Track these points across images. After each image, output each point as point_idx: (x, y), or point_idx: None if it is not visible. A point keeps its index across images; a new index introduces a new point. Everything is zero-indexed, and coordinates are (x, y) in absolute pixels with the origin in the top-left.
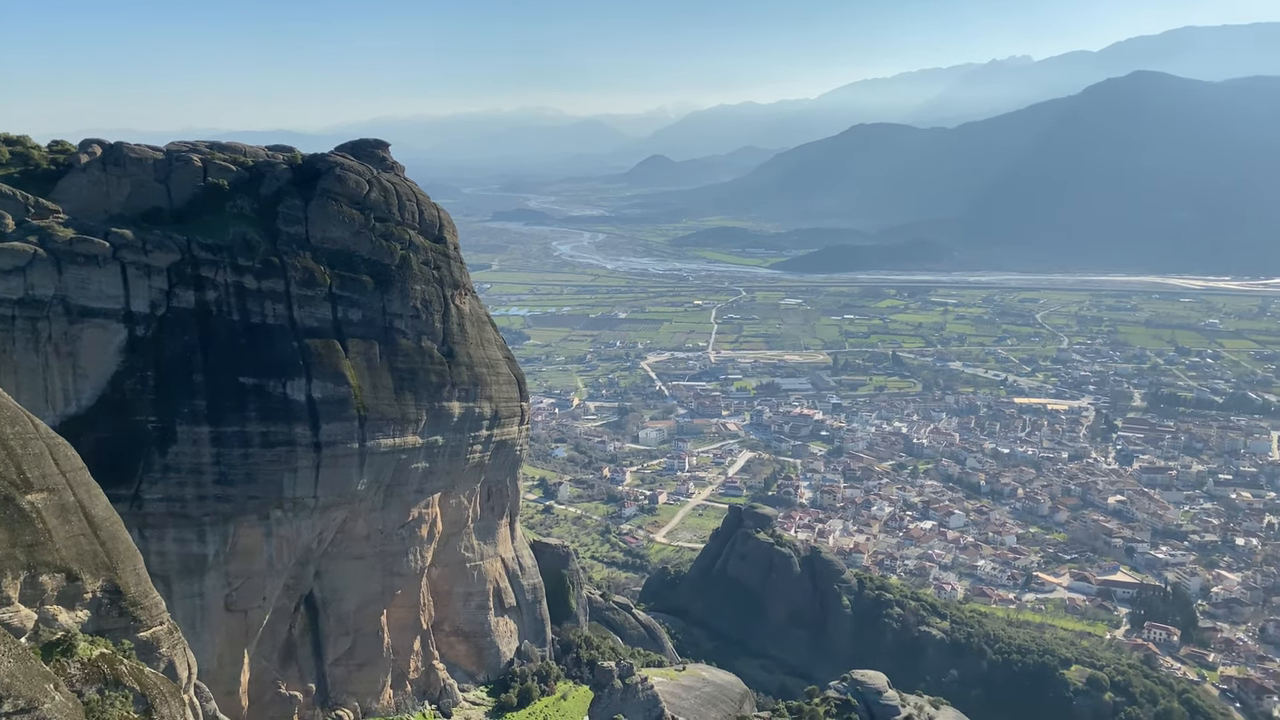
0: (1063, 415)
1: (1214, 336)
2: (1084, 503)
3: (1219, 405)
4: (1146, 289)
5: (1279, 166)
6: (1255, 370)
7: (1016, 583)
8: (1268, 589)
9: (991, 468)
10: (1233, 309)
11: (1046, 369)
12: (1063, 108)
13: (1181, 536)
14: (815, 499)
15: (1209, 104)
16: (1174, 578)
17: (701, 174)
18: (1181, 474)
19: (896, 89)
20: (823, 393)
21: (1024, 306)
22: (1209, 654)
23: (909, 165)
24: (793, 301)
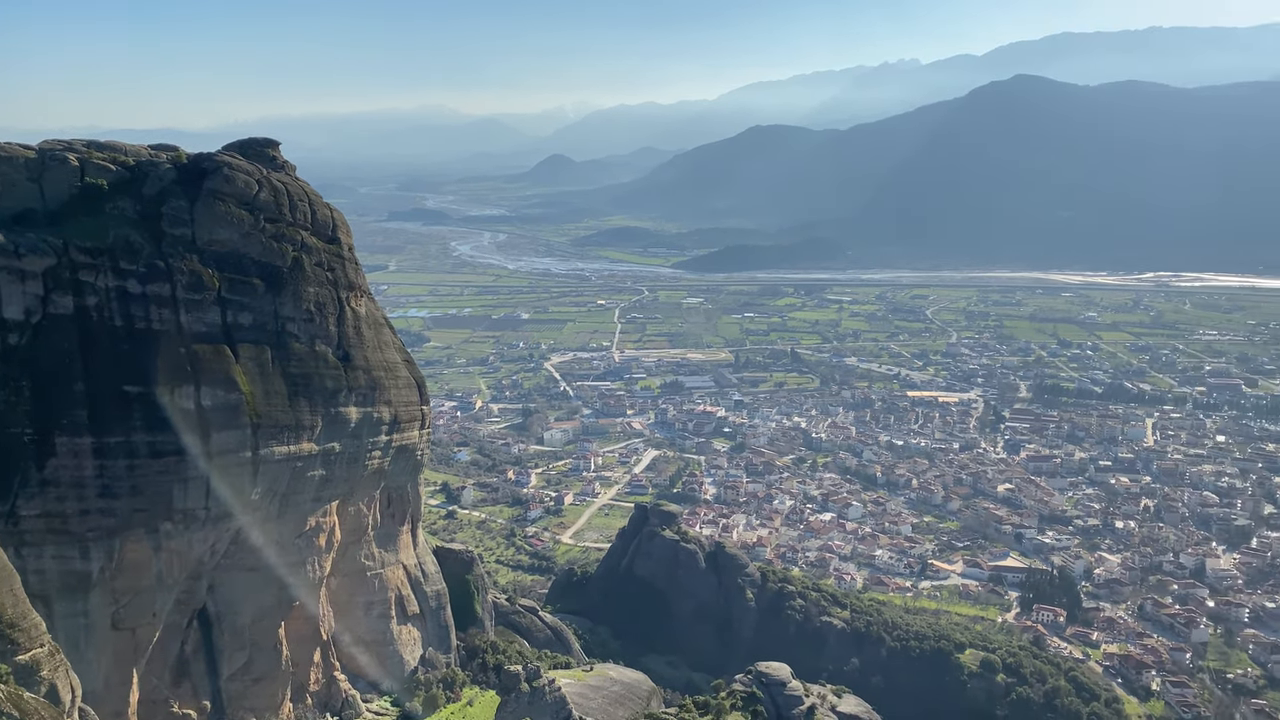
0: (953, 407)
1: (1093, 329)
2: (975, 491)
3: (1098, 395)
4: (1030, 284)
5: (1150, 167)
6: (1131, 361)
7: (913, 571)
8: (1145, 569)
9: (887, 460)
10: (1109, 303)
11: (937, 363)
12: (950, 109)
13: (1066, 521)
14: (719, 495)
15: (1085, 107)
16: (1060, 561)
17: (602, 174)
18: (1065, 462)
19: (792, 91)
20: (725, 390)
21: (915, 303)
22: (1093, 633)
23: (804, 166)
24: (695, 300)
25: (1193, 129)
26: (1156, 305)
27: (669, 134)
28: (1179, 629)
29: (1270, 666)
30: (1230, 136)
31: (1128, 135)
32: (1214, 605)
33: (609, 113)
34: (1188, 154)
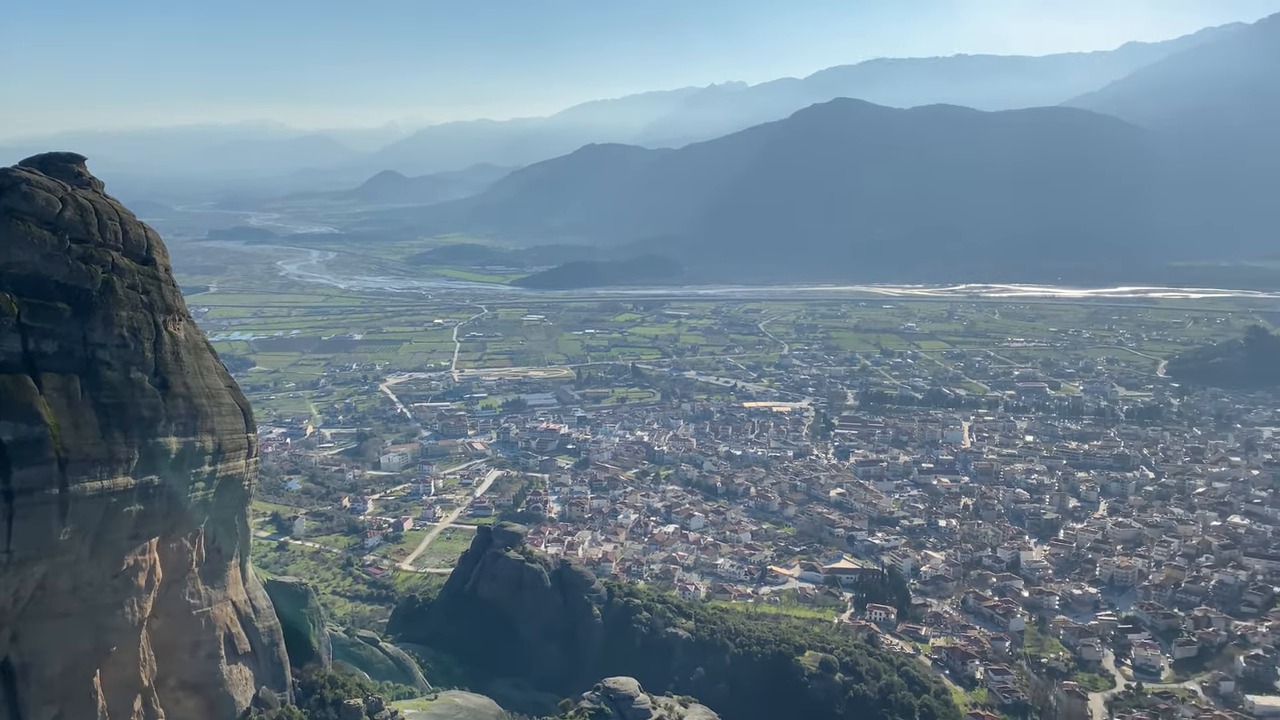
0: (787, 417)
1: (912, 339)
2: (809, 497)
3: (919, 401)
4: (854, 298)
5: (961, 185)
6: (948, 368)
7: (753, 577)
8: (966, 564)
9: (726, 470)
10: (927, 314)
11: (771, 374)
12: (776, 130)
13: (894, 522)
14: (564, 512)
15: (901, 128)
16: (889, 561)
17: (437, 190)
18: (891, 465)
19: (626, 110)
20: (568, 406)
21: (749, 317)
22: (921, 628)
23: (640, 184)
24: (535, 318)
25: (997, 149)
26: (969, 315)
27: (504, 151)
28: (998, 619)
29: (1079, 649)
30: (1029, 156)
31: (939, 155)
32: (1028, 595)
33: (442, 129)
34: (993, 173)
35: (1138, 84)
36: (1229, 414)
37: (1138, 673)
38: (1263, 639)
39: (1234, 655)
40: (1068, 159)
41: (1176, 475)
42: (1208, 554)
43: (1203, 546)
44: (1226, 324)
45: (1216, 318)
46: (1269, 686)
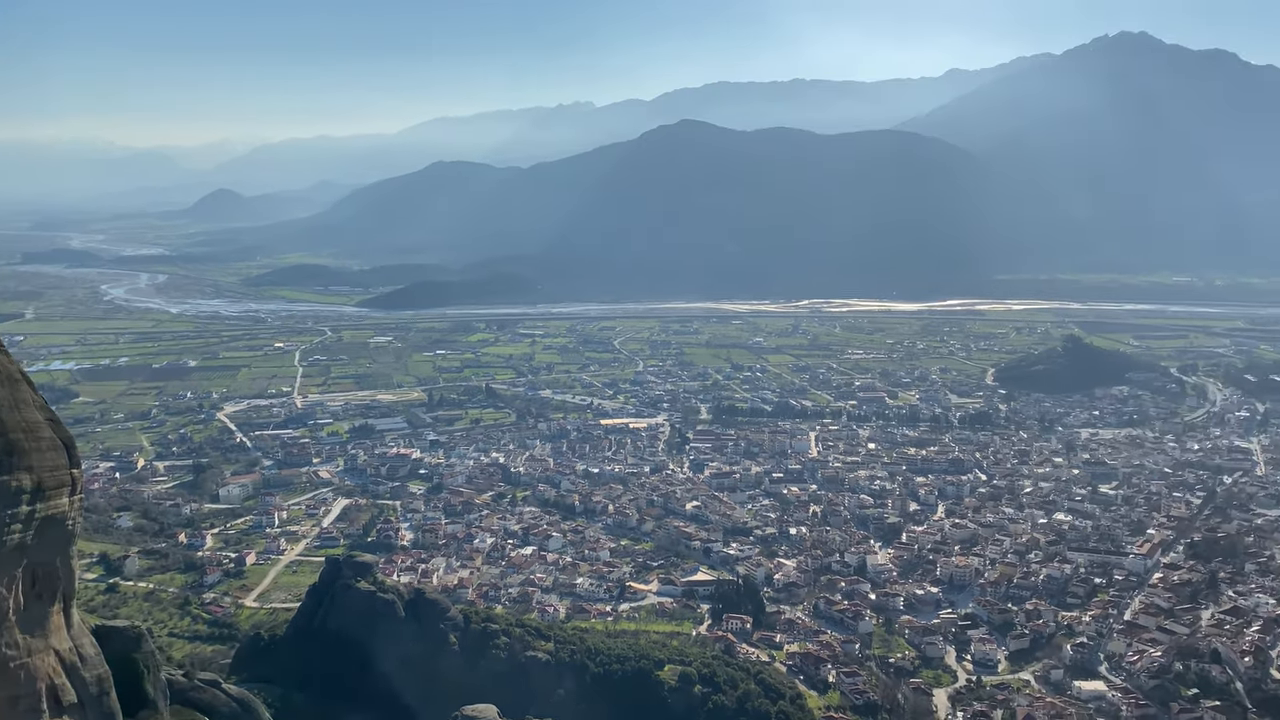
0: (643, 432)
1: (761, 353)
2: (666, 511)
3: (769, 413)
4: (705, 314)
5: (801, 205)
6: (794, 380)
7: (612, 595)
8: (817, 570)
9: (584, 488)
10: (774, 328)
11: (626, 390)
12: (624, 151)
13: (747, 532)
14: (417, 539)
15: (744, 149)
16: (744, 570)
17: (276, 209)
18: (744, 476)
19: (474, 128)
20: (419, 430)
21: (603, 334)
22: (776, 635)
23: (490, 202)
24: (383, 339)
25: (835, 170)
26: (813, 329)
27: (347, 168)
28: (848, 623)
29: (924, 647)
30: (865, 176)
31: (782, 176)
32: (875, 598)
33: (280, 146)
34: (832, 193)
35: (961, 108)
36: (1051, 417)
37: (977, 666)
38: (1086, 627)
39: (1062, 644)
40: (900, 179)
41: (1006, 477)
42: (1036, 550)
43: (1031, 543)
44: (1046, 333)
45: (1037, 327)
46: (1093, 672)
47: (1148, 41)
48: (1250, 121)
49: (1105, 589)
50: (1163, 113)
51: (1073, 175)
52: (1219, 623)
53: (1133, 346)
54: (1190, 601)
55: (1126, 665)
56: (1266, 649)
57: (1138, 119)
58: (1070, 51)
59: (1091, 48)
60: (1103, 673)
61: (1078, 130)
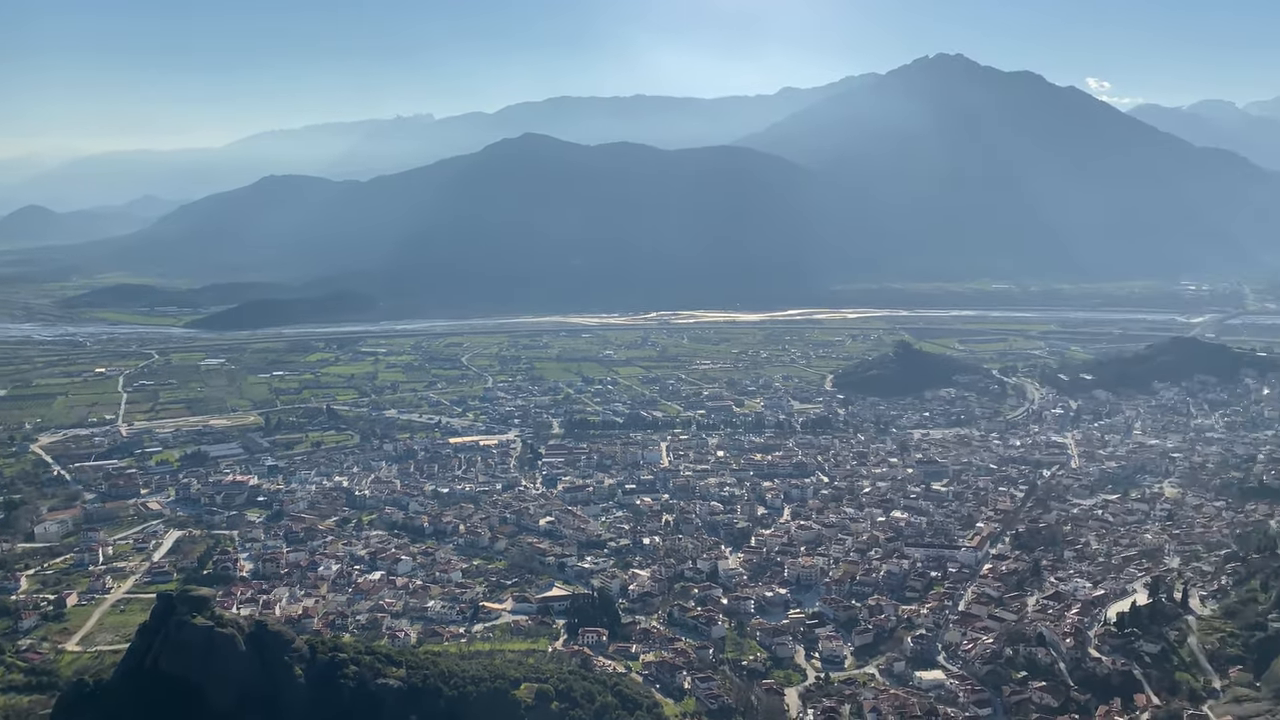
0: (494, 450)
1: (611, 366)
2: (519, 528)
3: (620, 425)
4: (555, 328)
5: (647, 218)
6: (644, 392)
7: (466, 616)
8: (670, 578)
9: (434, 509)
10: (623, 341)
11: (476, 408)
12: (467, 164)
13: (602, 545)
14: (257, 569)
15: (588, 163)
16: (599, 583)
17: (93, 226)
18: (597, 489)
19: (306, 141)
20: (256, 456)
21: (450, 351)
22: (632, 646)
23: (326, 217)
24: (215, 362)
25: (678, 185)
26: (661, 341)
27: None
28: (702, 628)
29: (774, 648)
30: (707, 191)
31: (626, 190)
32: (727, 602)
33: (97, 160)
34: (676, 206)
35: (794, 125)
36: (886, 420)
37: (825, 664)
38: (925, 619)
39: (903, 637)
40: (740, 194)
41: (846, 478)
42: (876, 547)
43: (872, 541)
44: (879, 340)
45: (871, 334)
46: (932, 662)
47: (964, 63)
48: (1056, 138)
49: (941, 582)
50: (979, 130)
51: (900, 189)
52: (1043, 608)
53: (958, 350)
54: (1017, 589)
55: (962, 653)
56: (1085, 630)
57: (957, 136)
58: (894, 71)
59: (914, 68)
60: (941, 662)
61: (903, 146)
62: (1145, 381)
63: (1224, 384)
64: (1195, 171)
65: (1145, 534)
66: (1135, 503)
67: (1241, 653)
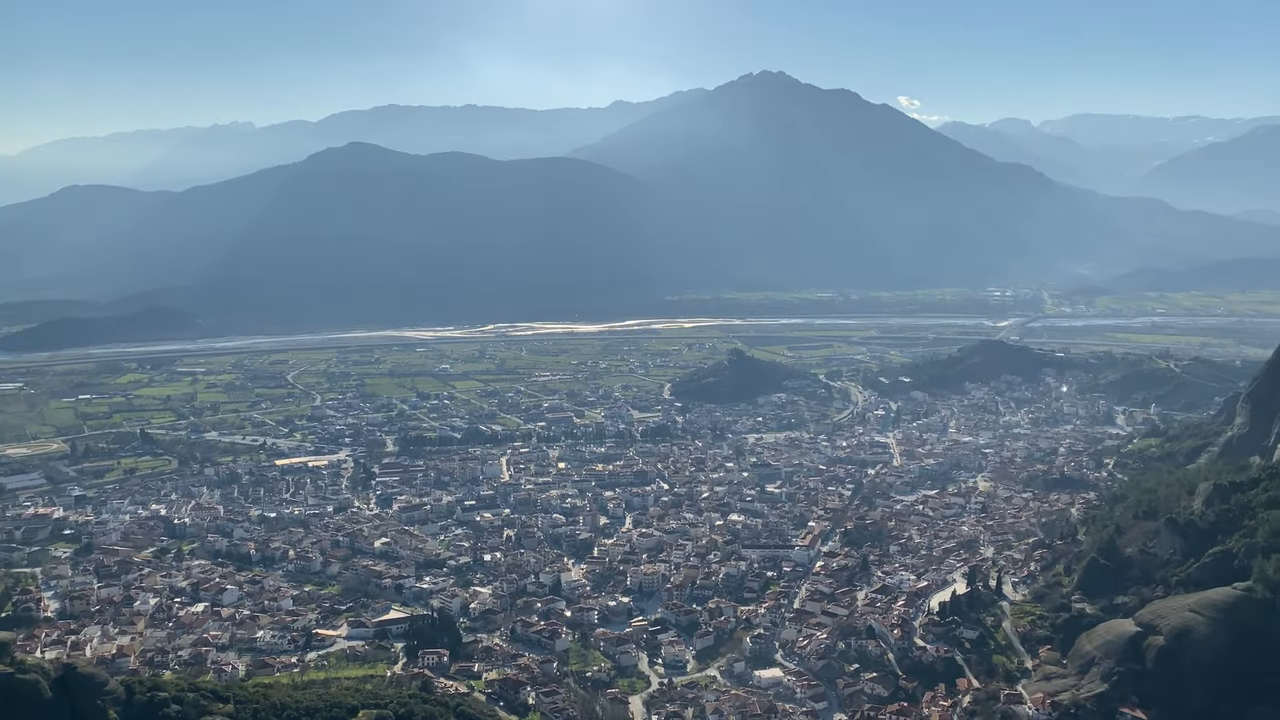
0: (324, 470)
1: (447, 380)
2: (353, 551)
3: (459, 440)
4: (388, 342)
5: (482, 229)
6: (483, 406)
7: (297, 645)
8: (513, 594)
9: (260, 535)
10: (460, 355)
11: (304, 427)
12: (290, 174)
13: (441, 564)
14: (64, 608)
15: (419, 174)
16: (438, 604)
17: None
18: (435, 507)
19: (113, 149)
20: (61, 486)
21: (275, 369)
22: (475, 665)
23: (137, 230)
24: (11, 386)
25: (513, 196)
26: (499, 354)
27: None
28: (545, 643)
29: (618, 658)
30: (542, 202)
31: (460, 201)
32: (571, 614)
33: None
34: (511, 218)
35: (627, 138)
36: (721, 426)
37: (668, 669)
38: (762, 619)
39: (742, 638)
40: (576, 205)
41: (686, 484)
42: (715, 551)
43: (711, 545)
44: (714, 348)
45: (706, 343)
46: (771, 660)
47: (786, 80)
48: (872, 153)
49: (776, 581)
50: (802, 144)
51: (730, 201)
52: (872, 601)
53: (788, 357)
54: (847, 584)
55: (798, 650)
56: (910, 620)
57: (781, 150)
58: (721, 87)
59: (740, 84)
60: (779, 660)
61: (731, 159)
62: (958, 382)
63: (1028, 383)
64: (997, 185)
65: (962, 526)
66: (952, 497)
67: (1050, 633)
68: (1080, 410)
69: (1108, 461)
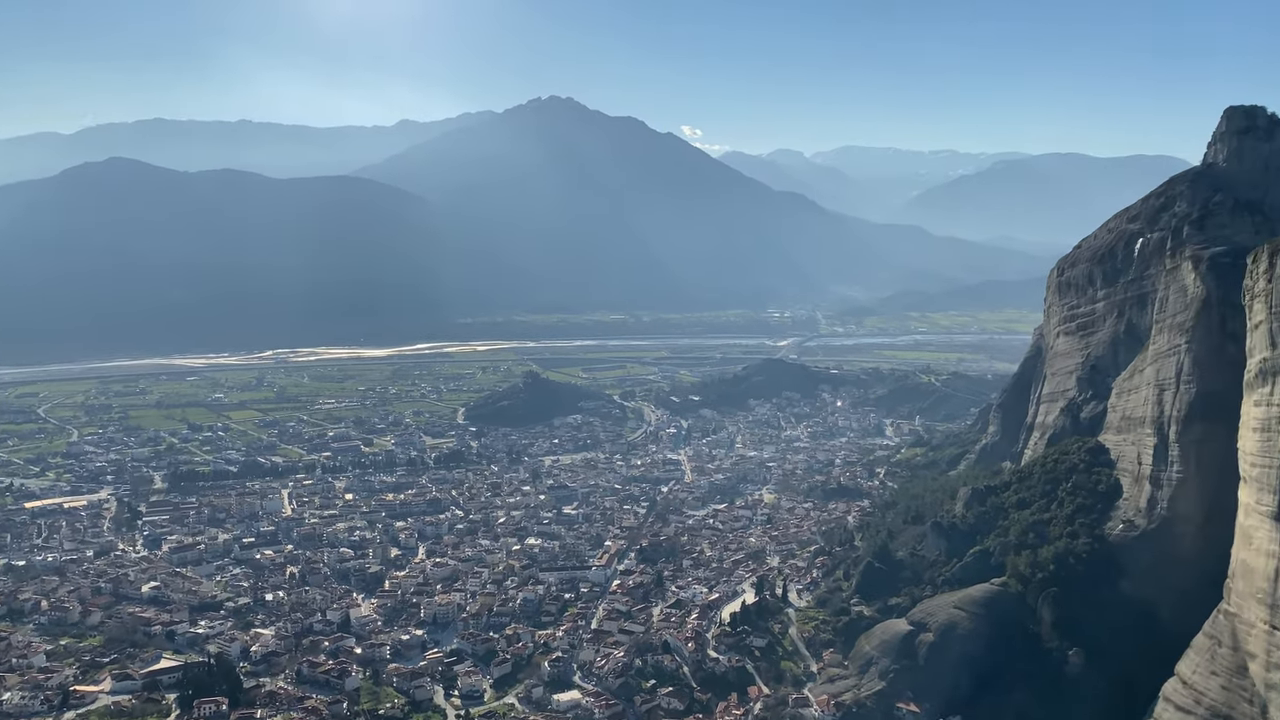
0: (83, 512)
1: (222, 410)
2: (118, 598)
3: (235, 474)
4: (155, 371)
5: (260, 250)
6: (262, 436)
7: (52, 705)
8: (298, 634)
9: (7, 586)
10: (236, 383)
11: (59, 465)
12: (40, 190)
13: (218, 607)
14: None
15: (189, 191)
16: (215, 648)
17: None
18: (210, 547)
19: None
20: None
21: (24, 402)
22: (257, 711)
23: None
24: None
25: (292, 215)
26: (279, 381)
27: None
28: (334, 682)
29: (412, 692)
30: (324, 222)
31: (234, 220)
32: (361, 651)
33: None
34: (291, 238)
35: (414, 158)
36: (518, 449)
37: (465, 700)
38: (560, 642)
39: (540, 662)
40: (360, 225)
41: (481, 510)
42: (512, 576)
43: (508, 570)
44: (509, 371)
45: (500, 366)
46: (569, 683)
47: (574, 106)
48: (659, 179)
49: (574, 603)
50: (591, 169)
51: (522, 223)
52: (666, 616)
53: (583, 378)
54: (643, 601)
55: (596, 670)
56: (704, 633)
57: (571, 174)
58: (510, 110)
59: (528, 108)
60: (577, 681)
61: (523, 182)
62: (743, 399)
63: (806, 399)
64: (774, 212)
65: (750, 538)
66: (740, 510)
67: (832, 636)
68: (854, 423)
69: (879, 471)
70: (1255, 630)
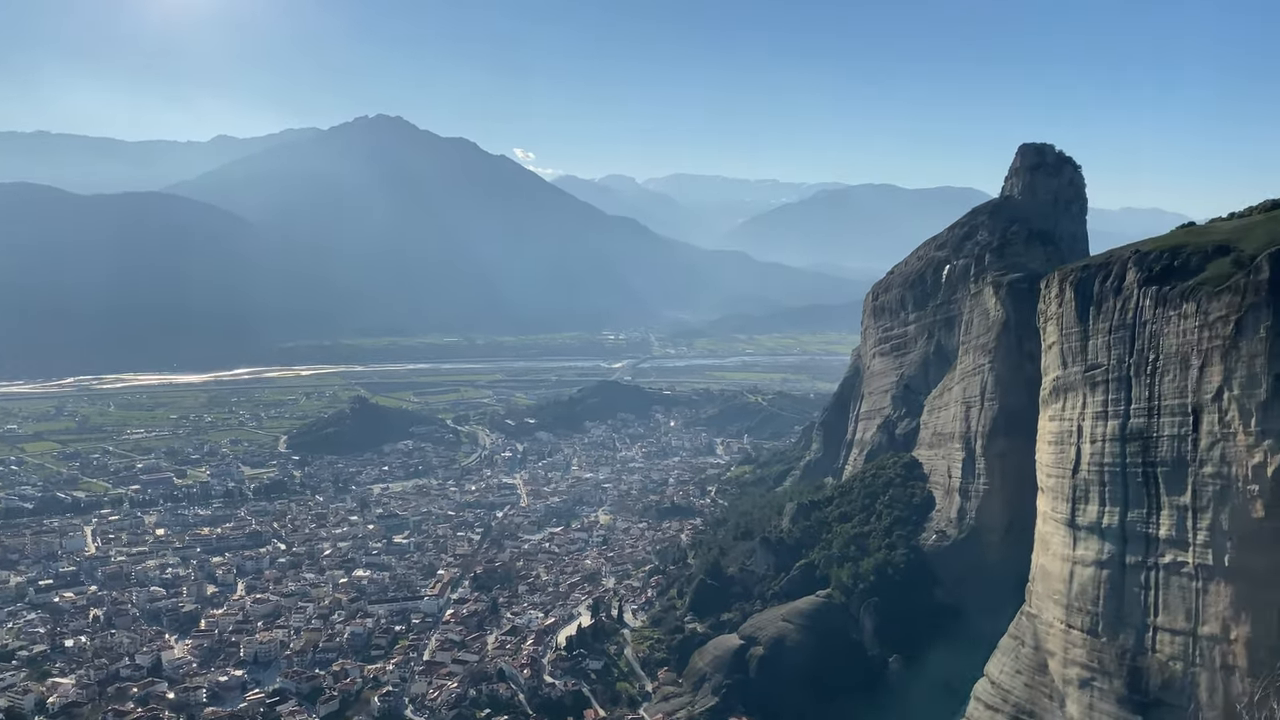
0: None
1: (15, 442)
2: None
3: (31, 511)
4: None
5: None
6: (61, 470)
7: None
8: (102, 681)
9: None
10: (31, 412)
11: None
12: None
13: (9, 656)
14: None
15: None
16: (6, 702)
17: None
18: (1, 590)
19: None
20: None
21: None
22: None
23: None
24: None
25: (95, 234)
26: (82, 410)
27: None
28: None
29: None
30: (131, 241)
31: (28, 238)
32: (174, 696)
33: None
34: (94, 258)
35: (231, 175)
36: (345, 478)
37: None
38: (391, 675)
39: (370, 698)
40: (173, 245)
41: (305, 542)
42: (340, 610)
43: (335, 604)
44: (335, 396)
45: (326, 391)
46: (401, 718)
47: (404, 125)
48: (492, 201)
49: (406, 635)
50: (422, 190)
51: (349, 244)
52: (502, 644)
53: (414, 403)
54: (478, 629)
55: (429, 703)
56: (540, 658)
57: (401, 194)
58: (336, 128)
59: (355, 126)
60: (409, 716)
61: (350, 202)
62: (579, 421)
63: (640, 419)
64: (607, 235)
65: (586, 560)
66: (576, 532)
67: (667, 655)
68: (686, 442)
69: (710, 489)
70: (1053, 630)
